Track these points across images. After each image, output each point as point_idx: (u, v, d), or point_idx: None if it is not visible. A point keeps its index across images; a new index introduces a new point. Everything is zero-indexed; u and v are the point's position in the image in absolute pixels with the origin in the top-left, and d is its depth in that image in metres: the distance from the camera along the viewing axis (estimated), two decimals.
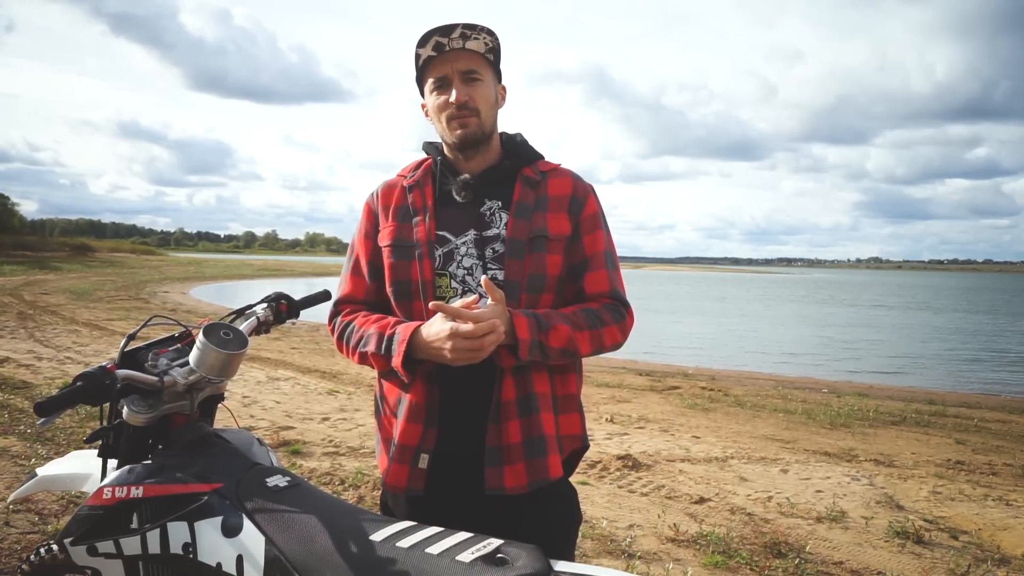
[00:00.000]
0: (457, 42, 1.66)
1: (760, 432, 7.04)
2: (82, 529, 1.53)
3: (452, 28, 1.65)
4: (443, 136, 1.76)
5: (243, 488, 1.48)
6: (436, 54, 1.68)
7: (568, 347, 1.63)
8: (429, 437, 1.67)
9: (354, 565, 1.28)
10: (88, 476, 1.78)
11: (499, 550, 1.25)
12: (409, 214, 1.75)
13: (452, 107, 1.68)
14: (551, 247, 1.70)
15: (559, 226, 1.72)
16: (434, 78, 1.70)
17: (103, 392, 1.43)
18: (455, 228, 1.72)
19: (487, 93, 1.71)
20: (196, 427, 1.61)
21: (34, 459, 4.74)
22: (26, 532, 3.56)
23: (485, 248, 1.70)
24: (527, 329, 1.58)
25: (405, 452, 1.68)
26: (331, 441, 5.82)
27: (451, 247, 1.71)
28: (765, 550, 3.90)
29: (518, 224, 1.69)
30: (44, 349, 9.94)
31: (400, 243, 1.73)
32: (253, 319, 1.85)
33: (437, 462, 1.67)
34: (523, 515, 1.66)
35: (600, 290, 1.73)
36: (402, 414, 1.70)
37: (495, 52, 1.73)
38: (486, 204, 1.73)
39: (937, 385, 12.56)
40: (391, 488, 1.71)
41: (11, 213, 58.99)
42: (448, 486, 1.68)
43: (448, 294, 1.68)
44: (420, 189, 1.77)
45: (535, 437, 1.65)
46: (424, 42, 1.66)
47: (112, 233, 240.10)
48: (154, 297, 23.15)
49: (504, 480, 1.63)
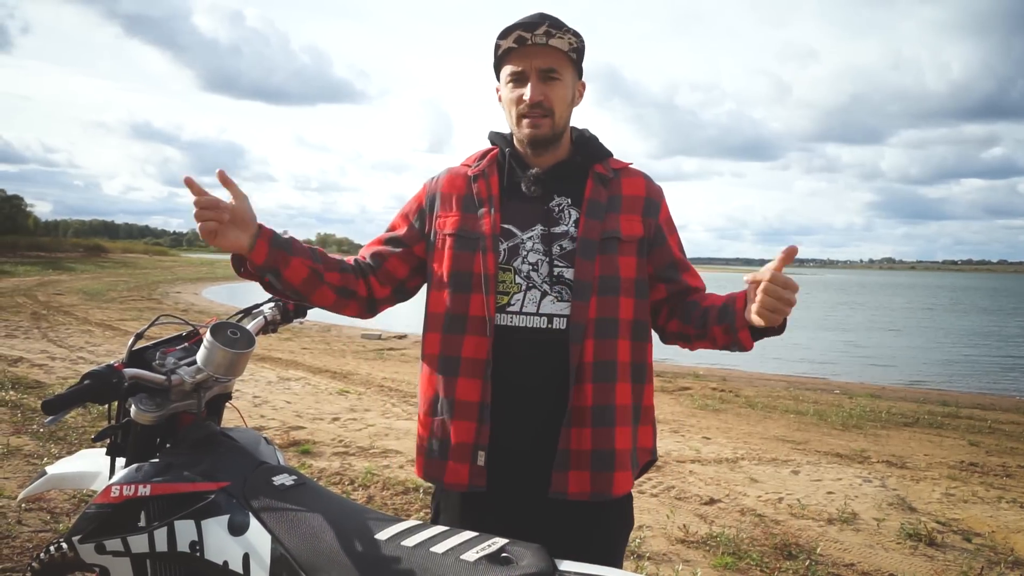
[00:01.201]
0: (540, 38, 1.61)
1: (771, 433, 7.00)
2: (90, 527, 1.54)
3: (537, 24, 1.61)
4: (513, 129, 1.73)
5: (250, 487, 1.49)
6: (517, 46, 1.63)
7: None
8: (484, 433, 1.62)
9: (359, 564, 1.28)
10: (97, 474, 1.79)
11: (503, 549, 1.25)
12: (474, 204, 1.71)
13: (525, 105, 1.64)
14: (623, 248, 1.67)
15: (631, 227, 1.69)
16: (512, 70, 1.66)
17: (111, 391, 1.43)
18: (522, 222, 1.68)
19: (564, 93, 1.67)
20: (203, 426, 1.61)
21: (46, 458, 4.77)
22: (38, 531, 3.59)
23: (552, 244, 1.65)
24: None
25: (463, 449, 1.63)
26: (341, 441, 5.82)
27: (516, 241, 1.67)
28: (775, 552, 3.88)
29: (590, 224, 1.66)
30: (57, 349, 10.01)
31: (464, 234, 1.69)
32: (260, 318, 1.85)
33: (493, 459, 1.63)
34: (583, 520, 1.64)
35: (700, 284, 1.77)
36: (453, 412, 1.65)
37: (579, 51, 1.68)
38: (555, 200, 1.69)
39: (950, 386, 12.47)
40: (452, 486, 1.66)
41: (25, 214, 59.48)
42: (505, 484, 1.64)
43: (512, 290, 1.64)
44: (486, 180, 1.73)
45: (606, 450, 1.61)
46: (506, 34, 1.63)
47: (125, 234, 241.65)
48: (166, 297, 23.28)
49: (568, 486, 1.60)
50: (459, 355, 1.65)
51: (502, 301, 1.63)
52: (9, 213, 56.12)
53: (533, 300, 1.63)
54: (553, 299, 1.62)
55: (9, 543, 3.41)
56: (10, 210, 56.63)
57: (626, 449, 1.65)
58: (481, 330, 1.63)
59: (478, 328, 1.63)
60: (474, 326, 1.64)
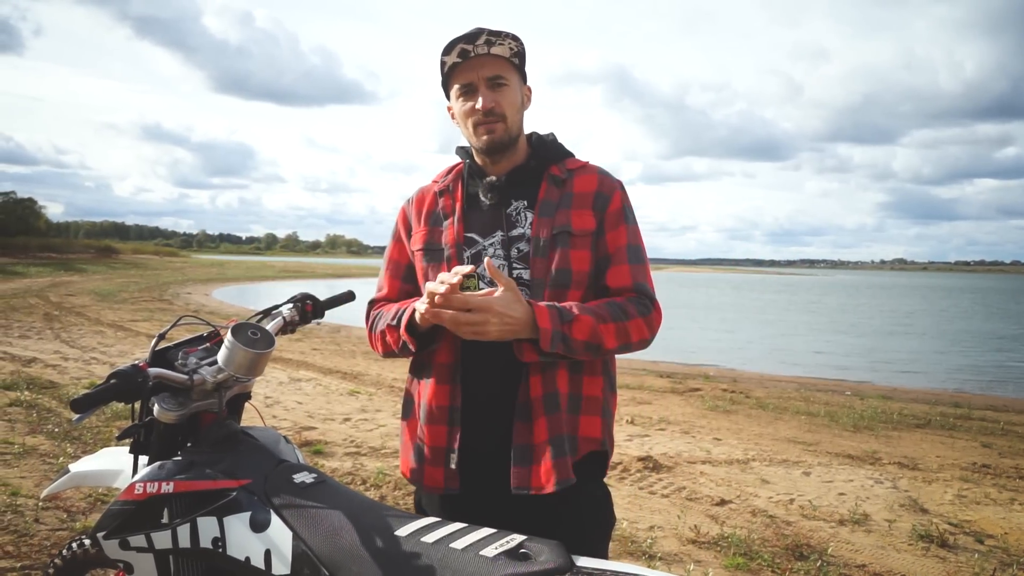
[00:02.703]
0: (482, 48, 1.68)
1: (782, 434, 7.00)
2: (114, 523, 1.56)
3: (477, 35, 1.67)
4: (470, 140, 1.78)
5: (271, 484, 1.51)
6: (461, 60, 1.70)
7: (592, 339, 1.60)
8: (455, 436, 1.69)
9: (380, 560, 1.30)
10: (119, 472, 1.82)
11: (522, 545, 1.27)
12: (440, 218, 1.79)
13: (479, 113, 1.70)
14: (575, 243, 1.70)
15: (583, 222, 1.71)
16: (460, 84, 1.73)
17: (136, 390, 1.46)
18: (483, 230, 1.75)
19: (513, 98, 1.73)
20: (224, 425, 1.63)
21: (62, 457, 4.82)
22: (55, 529, 3.63)
23: (511, 248, 1.71)
24: (548, 319, 1.56)
25: (437, 453, 1.70)
26: (352, 441, 5.86)
27: (479, 248, 1.73)
28: (787, 552, 3.88)
29: (542, 222, 1.71)
30: (70, 350, 10.09)
31: (431, 247, 1.78)
32: (279, 319, 1.88)
33: (464, 460, 1.69)
34: (554, 515, 1.66)
35: (622, 284, 1.71)
36: (428, 416, 1.72)
37: (520, 56, 1.74)
38: (512, 205, 1.75)
39: (963, 388, 12.41)
40: (430, 489, 1.73)
41: (37, 216, 59.90)
42: (477, 484, 1.69)
43: None
44: (450, 193, 1.81)
45: (562, 436, 1.64)
46: (449, 49, 1.69)
47: (136, 235, 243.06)
48: (177, 298, 23.40)
49: (530, 480, 1.63)
50: (432, 361, 1.74)
51: None
52: (21, 215, 56.53)
53: None
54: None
55: (27, 541, 3.45)
56: (22, 212, 57.04)
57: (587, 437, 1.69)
58: (451, 337, 1.66)
59: (447, 334, 1.67)
60: (443, 332, 1.68)
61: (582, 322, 1.59)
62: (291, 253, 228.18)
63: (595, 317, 1.61)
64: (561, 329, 1.57)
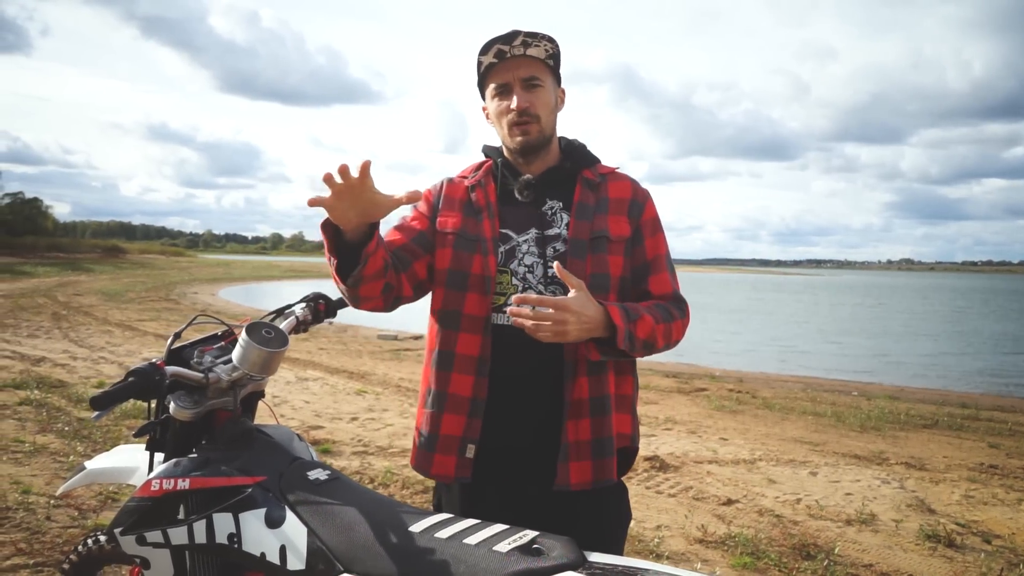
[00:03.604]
0: (518, 49, 1.71)
1: (789, 434, 7.00)
2: (131, 519, 1.59)
3: (514, 36, 1.70)
4: (504, 140, 1.81)
5: (285, 481, 1.53)
6: (497, 61, 1.72)
7: (649, 339, 1.67)
8: (474, 427, 1.71)
9: (395, 555, 1.32)
10: (135, 469, 1.84)
11: (535, 541, 1.29)
12: (473, 210, 1.80)
13: (514, 113, 1.73)
14: (612, 248, 1.75)
15: (619, 228, 1.77)
16: (496, 84, 1.76)
17: (153, 388, 1.48)
18: (517, 226, 1.77)
19: (547, 99, 1.77)
20: (239, 423, 1.66)
21: (72, 456, 4.86)
22: (67, 526, 3.66)
23: (546, 247, 1.74)
24: (621, 317, 1.61)
25: (451, 442, 1.72)
26: (360, 440, 5.88)
27: (513, 244, 1.76)
28: (794, 552, 3.89)
29: (580, 225, 1.74)
30: (78, 349, 10.14)
31: (465, 235, 1.77)
32: (292, 318, 1.90)
33: (487, 454, 1.71)
34: (577, 511, 1.70)
35: (664, 291, 1.78)
36: (448, 406, 1.73)
37: (555, 58, 1.77)
38: (547, 204, 1.78)
39: (971, 388, 12.38)
40: (440, 478, 1.76)
41: (45, 216, 60.20)
42: (501, 478, 1.72)
43: (509, 290, 1.73)
44: (483, 188, 1.82)
45: (605, 437, 1.70)
46: (487, 50, 1.72)
47: (142, 235, 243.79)
48: (184, 298, 23.48)
49: (571, 476, 1.67)
50: (453, 351, 1.74)
51: (498, 301, 1.72)
52: (28, 215, 56.82)
53: None
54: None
55: (40, 538, 3.48)
56: (29, 212, 57.33)
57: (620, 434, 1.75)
58: (476, 328, 1.71)
59: (473, 326, 1.72)
60: (469, 324, 1.72)
61: (645, 321, 1.66)
62: (297, 253, 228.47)
63: (653, 317, 1.68)
64: (629, 327, 1.62)
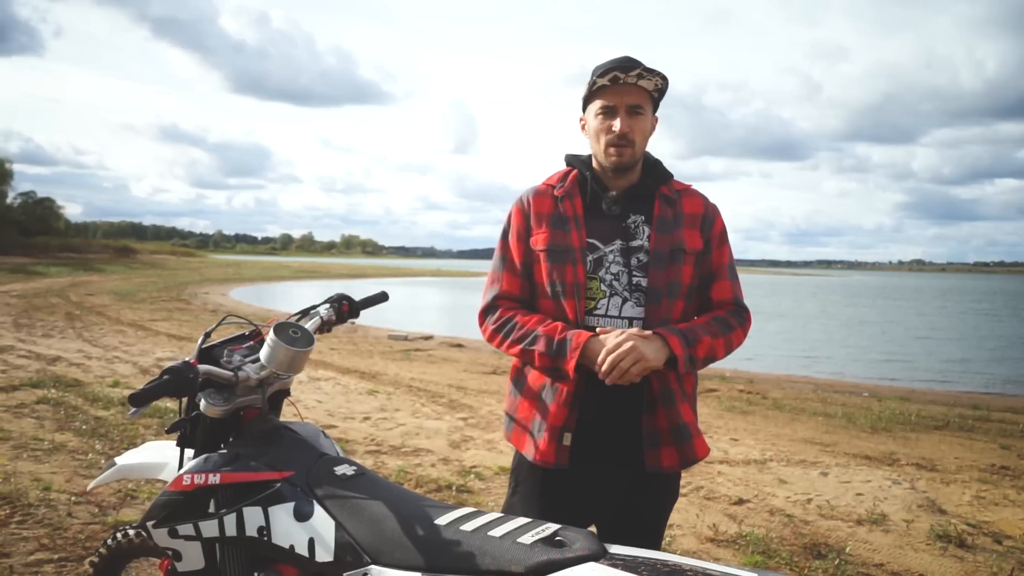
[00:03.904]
0: (632, 79, 1.85)
1: (799, 435, 7.01)
2: (163, 513, 1.64)
3: (632, 67, 1.84)
4: (597, 156, 1.96)
5: (313, 476, 1.58)
6: (610, 84, 1.87)
7: (710, 355, 1.88)
8: (572, 419, 1.89)
9: (421, 547, 1.37)
10: (164, 465, 1.90)
11: (557, 534, 1.34)
12: (561, 221, 1.96)
13: (614, 135, 1.88)
14: (687, 259, 1.94)
15: (694, 241, 1.95)
16: (603, 104, 1.91)
17: (187, 385, 1.53)
18: (604, 237, 1.94)
19: (644, 126, 1.94)
20: (267, 420, 1.71)
21: (90, 454, 4.93)
22: (88, 523, 3.72)
23: (631, 257, 1.92)
24: (680, 346, 1.80)
25: (553, 432, 1.89)
26: (373, 440, 5.93)
27: (600, 254, 1.93)
28: (805, 551, 3.92)
29: (660, 238, 1.92)
30: (93, 348, 10.24)
31: (555, 248, 1.94)
32: (317, 318, 1.95)
33: (580, 441, 1.89)
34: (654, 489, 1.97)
35: (725, 298, 1.99)
36: (555, 399, 1.90)
37: (661, 92, 1.93)
38: (631, 218, 1.95)
39: (982, 390, 12.34)
40: (540, 463, 1.91)
41: (57, 216, 60.61)
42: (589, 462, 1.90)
43: (598, 296, 1.91)
44: (571, 199, 1.98)
45: (680, 424, 1.90)
46: (604, 73, 1.85)
47: (153, 235, 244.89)
48: (195, 299, 23.62)
49: (662, 460, 1.89)
50: None
51: (590, 305, 1.90)
52: (41, 215, 57.24)
53: (616, 305, 1.90)
54: (632, 304, 1.89)
55: (62, 534, 3.55)
56: (42, 212, 57.76)
57: (692, 422, 1.95)
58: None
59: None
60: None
61: (703, 342, 1.86)
62: (306, 253, 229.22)
63: (710, 335, 1.88)
64: (688, 352, 1.82)
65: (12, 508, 3.83)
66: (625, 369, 1.71)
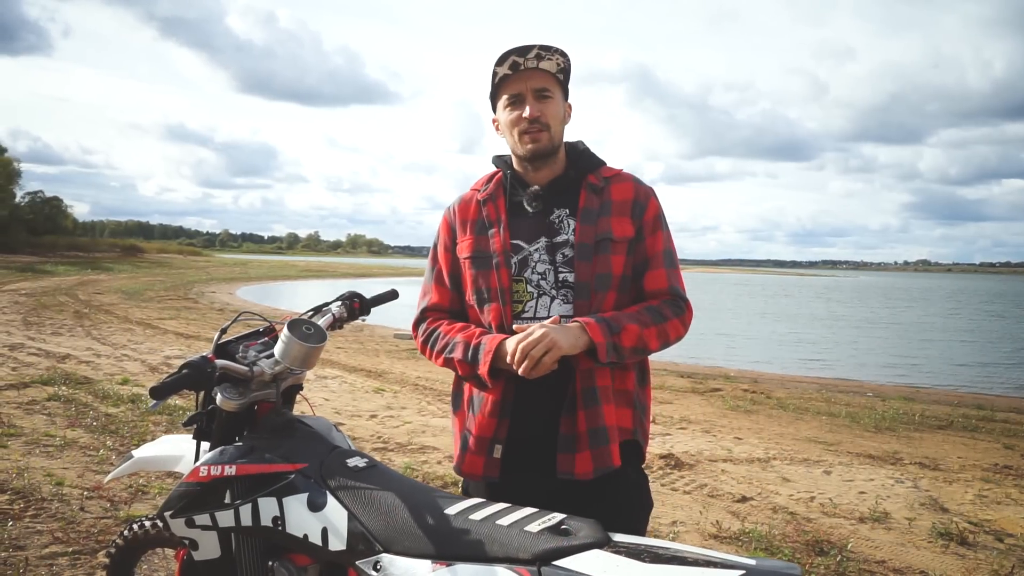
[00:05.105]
0: (532, 62, 1.80)
1: (803, 434, 7.05)
2: (181, 503, 1.69)
3: (529, 49, 1.79)
4: (514, 149, 1.90)
5: (326, 468, 1.63)
6: (512, 72, 1.81)
7: (639, 344, 1.76)
8: (503, 428, 1.81)
9: (432, 535, 1.42)
10: (180, 457, 1.95)
11: (563, 523, 1.39)
12: (485, 226, 1.90)
13: (525, 122, 1.81)
14: (615, 248, 1.83)
15: (623, 229, 1.85)
16: (509, 95, 1.85)
17: (205, 379, 1.58)
18: (528, 236, 1.86)
19: (557, 110, 1.85)
20: (281, 413, 1.76)
21: (102, 450, 4.99)
22: (100, 517, 3.79)
23: (556, 254, 1.83)
24: (600, 333, 1.70)
25: (481, 443, 1.82)
26: (380, 437, 5.99)
27: (525, 254, 1.85)
28: (807, 548, 3.95)
29: (585, 229, 1.83)
30: (101, 346, 10.33)
31: (479, 254, 1.88)
32: (329, 315, 2.01)
33: (510, 449, 1.80)
34: (593, 499, 1.78)
35: (659, 287, 1.86)
36: (480, 409, 1.84)
37: (565, 72, 1.87)
38: (555, 212, 1.87)
39: (986, 390, 12.34)
40: (469, 476, 1.86)
41: (64, 215, 60.85)
42: (521, 471, 1.81)
43: (525, 298, 1.83)
44: (493, 202, 1.91)
45: (599, 427, 1.77)
46: (502, 61, 1.81)
47: (160, 234, 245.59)
48: (202, 297, 23.72)
49: (575, 466, 1.76)
50: None
51: (517, 309, 1.83)
52: (49, 214, 57.47)
53: (544, 305, 1.82)
54: (560, 302, 1.81)
55: (75, 528, 3.61)
56: (50, 211, 57.99)
57: (612, 426, 1.79)
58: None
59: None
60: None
61: (629, 330, 1.74)
62: (312, 253, 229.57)
63: (639, 323, 1.76)
64: (612, 340, 1.72)
65: (26, 502, 3.90)
66: (536, 358, 1.62)
